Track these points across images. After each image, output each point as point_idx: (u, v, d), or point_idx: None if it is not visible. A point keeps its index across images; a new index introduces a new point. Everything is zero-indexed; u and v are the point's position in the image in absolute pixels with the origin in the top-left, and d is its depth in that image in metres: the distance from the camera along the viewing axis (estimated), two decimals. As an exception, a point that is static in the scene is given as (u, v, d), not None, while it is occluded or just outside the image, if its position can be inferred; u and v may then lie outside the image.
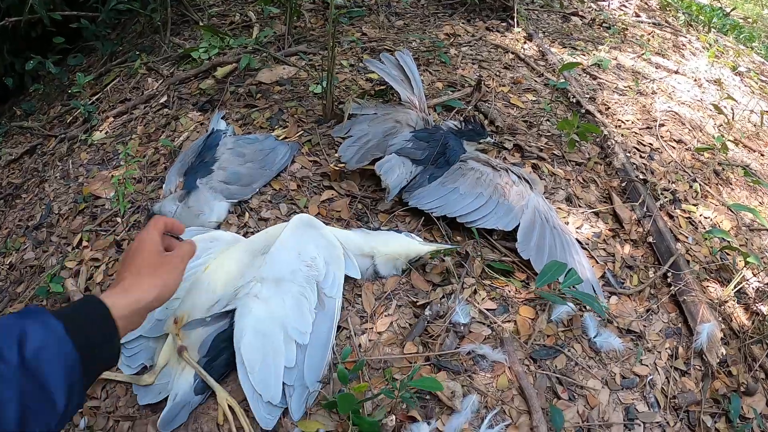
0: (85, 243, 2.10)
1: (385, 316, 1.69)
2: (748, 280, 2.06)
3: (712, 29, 4.94)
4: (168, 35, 3.41)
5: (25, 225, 2.39)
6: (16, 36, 3.55)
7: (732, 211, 2.40)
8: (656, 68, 3.56)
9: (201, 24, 3.50)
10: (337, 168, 2.13)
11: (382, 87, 2.68)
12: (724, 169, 2.70)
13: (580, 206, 2.20)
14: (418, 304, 1.72)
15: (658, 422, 1.58)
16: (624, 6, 4.66)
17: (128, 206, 2.18)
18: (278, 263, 1.58)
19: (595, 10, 4.34)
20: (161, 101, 2.82)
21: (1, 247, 2.33)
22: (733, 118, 3.12)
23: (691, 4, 5.35)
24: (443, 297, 1.74)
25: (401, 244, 1.76)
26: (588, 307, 1.76)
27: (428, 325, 1.66)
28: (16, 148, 3.02)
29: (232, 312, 1.51)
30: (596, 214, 2.18)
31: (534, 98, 2.86)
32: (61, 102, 3.34)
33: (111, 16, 3.54)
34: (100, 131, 2.77)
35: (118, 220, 2.15)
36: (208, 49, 3.04)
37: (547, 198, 2.15)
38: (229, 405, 1.41)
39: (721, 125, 3.11)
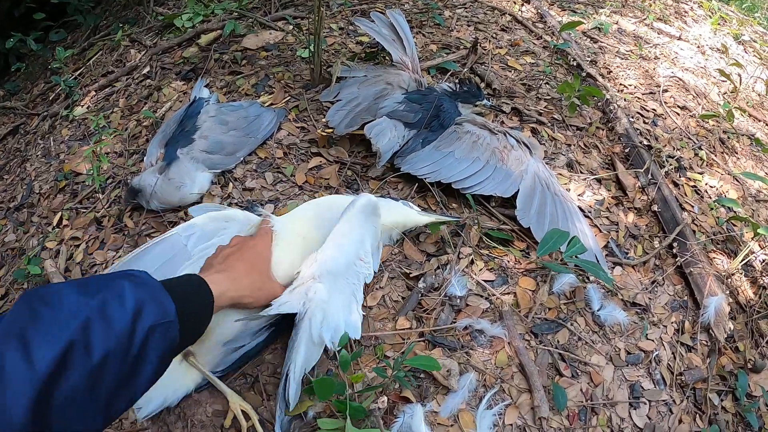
0: (65, 222, 2.02)
1: (377, 288, 1.60)
2: (754, 252, 2.01)
3: (713, -2, 4.86)
4: (151, 5, 3.33)
5: (7, 207, 2.32)
6: (-1, 15, 3.50)
7: (737, 181, 2.34)
8: (658, 34, 3.47)
9: (185, -8, 3.39)
10: (326, 134, 2.04)
11: (372, 49, 2.59)
12: (729, 138, 2.63)
13: (581, 172, 2.13)
14: (411, 275, 1.64)
15: (664, 400, 1.54)
16: (624, -30, 4.56)
17: (109, 181, 2.09)
18: (340, 255, 1.41)
19: (595, -27, 4.25)
20: (144, 72, 2.73)
21: (-17, 230, 2.28)
22: (740, 84, 3.02)
23: (692, -31, 5.26)
24: (438, 268, 1.66)
25: (400, 214, 1.65)
26: (591, 278, 1.69)
27: (422, 298, 1.58)
28: (0, 128, 2.96)
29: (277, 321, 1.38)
30: (598, 180, 2.11)
31: (533, 61, 2.77)
32: (44, 79, 3.27)
33: (92, -15, 3.48)
34: (82, 106, 2.70)
35: (99, 196, 2.06)
36: (192, 16, 2.95)
37: (547, 163, 2.05)
38: (242, 410, 1.31)
39: (726, 93, 3.03)
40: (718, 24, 3.98)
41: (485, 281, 1.64)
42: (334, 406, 1.28)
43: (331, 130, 2.02)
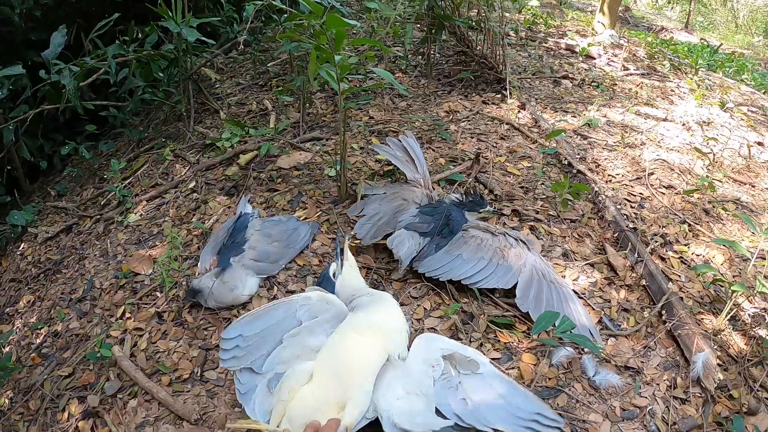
0: (128, 314, 2.30)
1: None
2: (744, 308, 2.20)
3: (700, 70, 5.14)
4: (192, 124, 3.71)
5: (68, 297, 2.57)
6: (45, 120, 3.81)
7: (724, 245, 2.50)
8: (645, 119, 3.78)
9: (223, 116, 3.82)
10: (354, 244, 2.38)
11: (389, 168, 2.93)
12: (714, 207, 2.85)
13: (576, 260, 2.40)
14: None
15: (660, 449, 1.71)
16: (612, 62, 4.93)
17: (170, 282, 2.35)
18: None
19: (585, 69, 4.63)
20: (190, 186, 3.08)
21: (45, 317, 2.52)
22: (713, 159, 3.28)
23: (677, 48, 5.59)
24: (453, 350, 1.93)
25: None
26: (586, 350, 1.93)
27: (441, 374, 1.84)
28: (53, 226, 3.28)
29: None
30: (591, 265, 2.37)
31: (529, 165, 3.09)
32: (94, 185, 3.61)
33: (137, 105, 3.85)
34: (135, 213, 3.02)
35: (158, 294, 2.36)
36: (231, 137, 3.32)
37: (544, 256, 2.36)
38: None
39: (710, 165, 3.27)
40: (703, 97, 4.25)
41: (493, 359, 1.90)
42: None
43: (358, 241, 2.37)
